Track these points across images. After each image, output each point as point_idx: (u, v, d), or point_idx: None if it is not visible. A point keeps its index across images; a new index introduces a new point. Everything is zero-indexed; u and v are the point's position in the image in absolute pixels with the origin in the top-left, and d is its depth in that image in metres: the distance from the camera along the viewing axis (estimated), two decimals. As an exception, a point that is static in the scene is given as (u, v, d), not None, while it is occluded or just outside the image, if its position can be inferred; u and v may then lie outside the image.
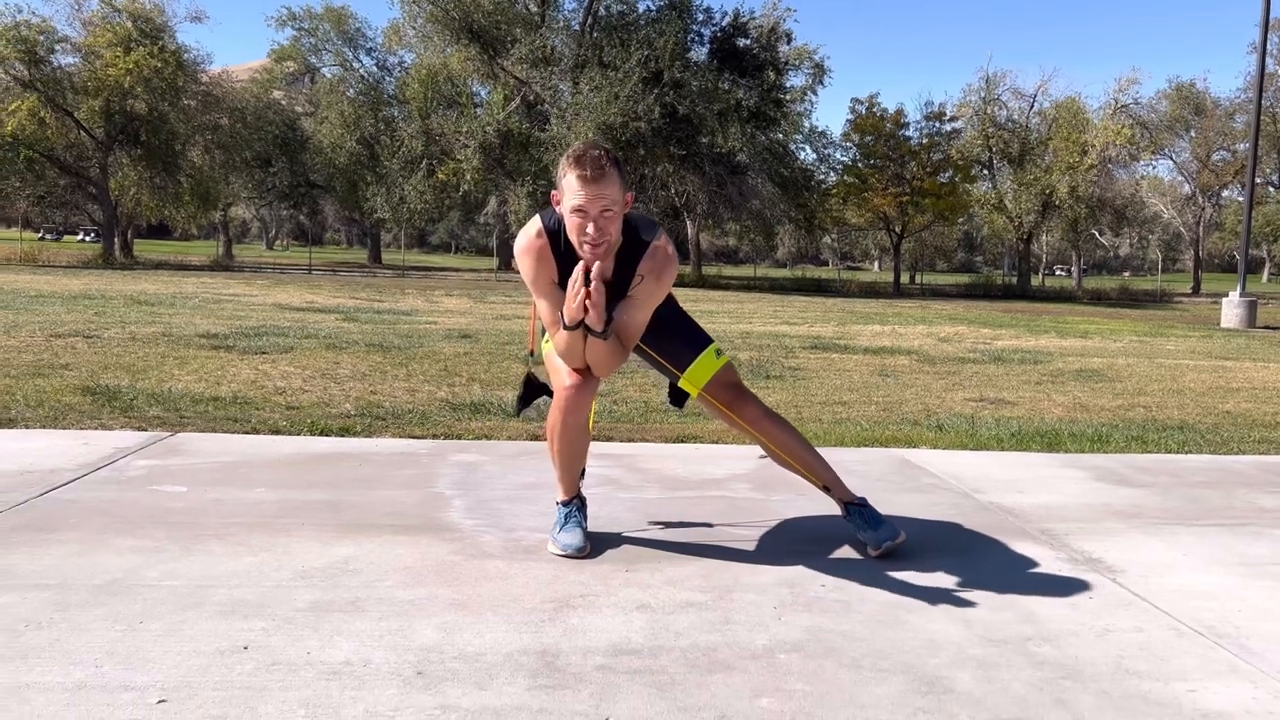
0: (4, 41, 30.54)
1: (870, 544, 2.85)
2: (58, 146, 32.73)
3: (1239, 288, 19.47)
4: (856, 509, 2.91)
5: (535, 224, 2.74)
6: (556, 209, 2.67)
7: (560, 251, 2.70)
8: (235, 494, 3.27)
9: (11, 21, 30.94)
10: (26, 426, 4.30)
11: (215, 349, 7.66)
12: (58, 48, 32.64)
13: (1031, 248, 45.26)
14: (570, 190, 2.56)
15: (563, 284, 2.74)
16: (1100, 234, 52.46)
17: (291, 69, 44.42)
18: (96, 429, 4.29)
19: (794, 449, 2.95)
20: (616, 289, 2.72)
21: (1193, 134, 49.36)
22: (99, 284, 17.85)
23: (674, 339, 2.93)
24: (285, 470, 3.63)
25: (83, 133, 32.93)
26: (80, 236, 61.10)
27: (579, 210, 2.56)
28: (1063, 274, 69.85)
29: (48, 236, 58.25)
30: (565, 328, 2.63)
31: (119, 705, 1.78)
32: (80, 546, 2.65)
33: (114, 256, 31.64)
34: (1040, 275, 56.94)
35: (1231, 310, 19.12)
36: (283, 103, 43.78)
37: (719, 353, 2.95)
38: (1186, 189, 53.22)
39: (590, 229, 2.56)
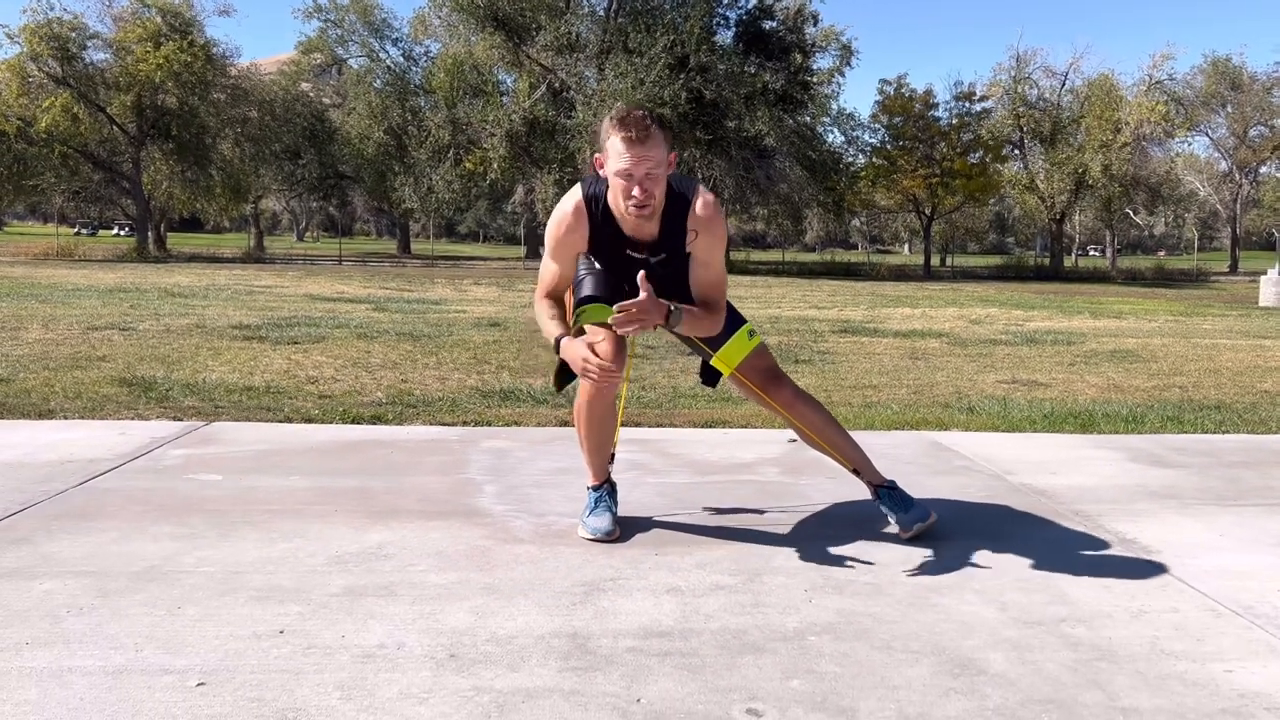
0: (37, 39, 30.96)
1: (900, 526, 2.83)
2: (91, 142, 33.16)
3: (1278, 265, 19.12)
4: (886, 491, 2.90)
5: (576, 194, 2.75)
6: (600, 171, 2.68)
7: (597, 220, 2.71)
8: (269, 481, 3.31)
9: (44, 19, 31.35)
10: (66, 417, 4.38)
11: (248, 340, 7.75)
12: (89, 44, 33.06)
13: (1064, 228, 44.67)
14: (614, 153, 2.57)
15: (595, 251, 2.78)
16: (1135, 213, 51.64)
17: (319, 61, 44.63)
18: (133, 419, 4.35)
19: (825, 431, 2.94)
20: (664, 250, 2.74)
21: (1229, 110, 48.38)
22: (133, 277, 18.10)
23: None
24: (318, 458, 3.67)
25: (115, 128, 33.32)
26: (115, 231, 61.92)
27: (624, 173, 2.57)
28: (1096, 254, 68.95)
29: (83, 231, 59.08)
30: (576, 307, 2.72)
31: (159, 688, 1.81)
32: (119, 534, 2.69)
33: (148, 250, 32.02)
34: (1073, 256, 56.28)
35: (1270, 288, 18.80)
36: (310, 95, 44.03)
37: (752, 333, 2.93)
38: (1223, 166, 52.21)
39: (636, 191, 2.57)
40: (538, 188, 32.96)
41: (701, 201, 2.71)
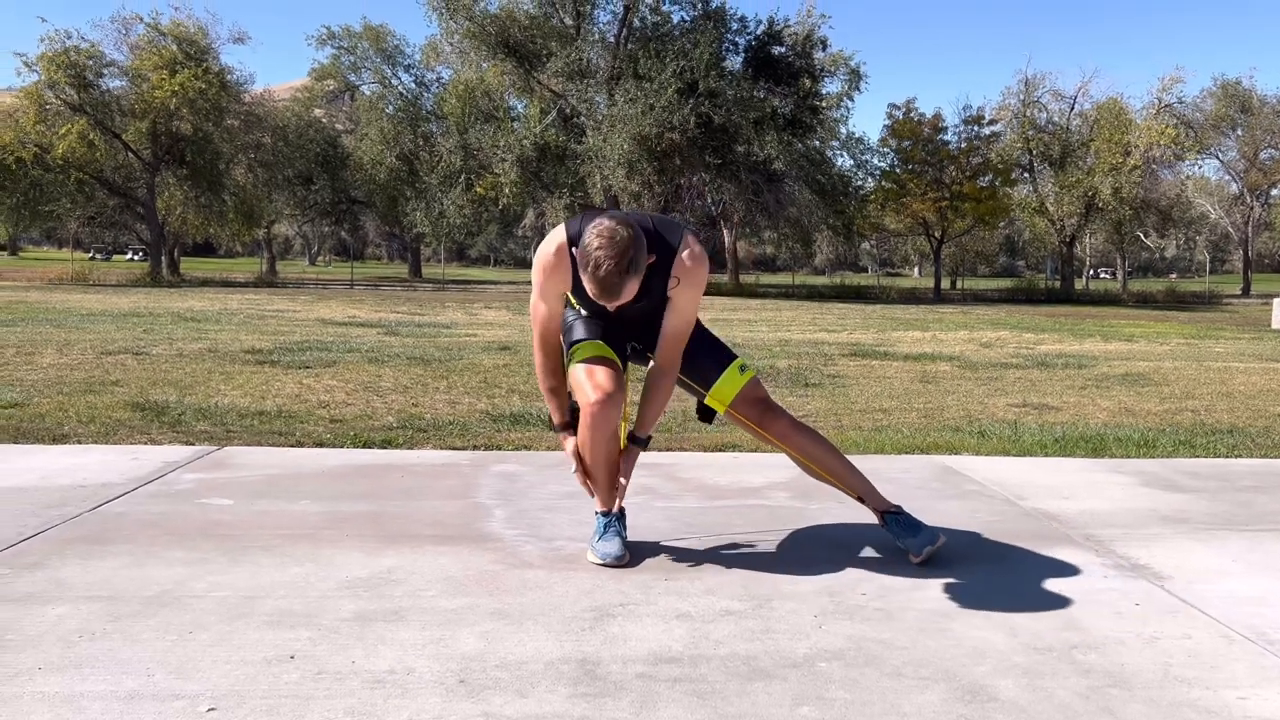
0: (55, 66, 31.33)
1: (911, 551, 2.82)
2: (106, 168, 33.48)
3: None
4: (893, 516, 2.89)
5: (560, 236, 2.75)
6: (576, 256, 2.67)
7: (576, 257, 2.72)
8: (281, 506, 3.32)
9: (61, 47, 31.75)
10: (79, 442, 4.40)
11: (260, 364, 7.79)
12: (105, 72, 33.44)
13: (1074, 251, 44.60)
14: (587, 286, 2.56)
15: (578, 290, 2.77)
16: (1145, 236, 51.60)
17: (331, 87, 45.08)
18: (146, 444, 4.38)
19: (825, 461, 2.93)
20: (645, 296, 2.72)
21: (1239, 132, 48.38)
22: (147, 302, 18.22)
23: (697, 357, 2.92)
24: (329, 482, 3.68)
25: (130, 154, 33.66)
26: (129, 255, 62.37)
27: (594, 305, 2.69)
28: (1107, 277, 68.80)
29: (97, 256, 59.55)
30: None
31: (170, 713, 1.82)
32: (131, 559, 2.71)
33: (161, 275, 32.26)
34: (1084, 278, 56.11)
35: (1283, 311, 18.73)
36: (323, 120, 44.44)
37: (743, 368, 2.94)
38: (1234, 188, 52.15)
39: (610, 307, 2.64)
40: (548, 212, 33.13)
41: (689, 253, 2.71)
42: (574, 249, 2.68)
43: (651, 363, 2.88)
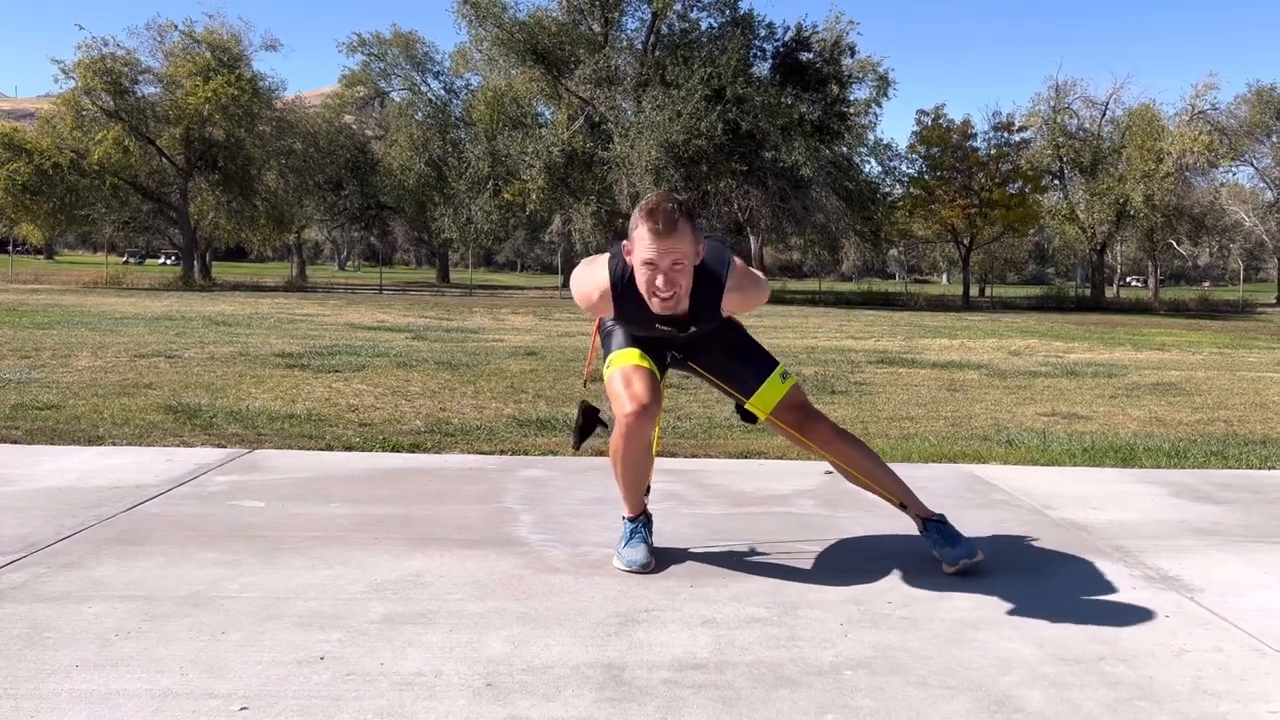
0: (91, 74, 31.90)
1: (946, 561, 2.81)
2: (141, 173, 34.01)
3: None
4: (935, 525, 2.87)
5: (603, 276, 2.74)
6: (627, 259, 2.68)
7: (624, 295, 2.71)
8: (311, 509, 3.36)
9: (98, 54, 32.29)
10: (114, 444, 4.48)
11: (290, 368, 7.87)
12: (141, 79, 34.01)
13: (1105, 258, 44.14)
14: (641, 243, 2.58)
15: (623, 319, 2.82)
16: (1178, 243, 50.92)
17: (362, 94, 45.47)
18: (179, 446, 4.44)
19: (867, 467, 2.92)
20: (694, 324, 2.76)
21: (1274, 139, 47.68)
22: (179, 305, 18.45)
23: (738, 365, 2.93)
24: (358, 485, 3.72)
25: (164, 160, 34.16)
26: (161, 260, 63.19)
27: (649, 263, 2.58)
28: (1138, 285, 67.99)
29: (131, 260, 60.40)
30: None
31: (204, 712, 1.85)
32: (165, 559, 2.75)
33: (193, 279, 32.66)
34: (1115, 286, 55.48)
35: (1319, 320, 18.43)
36: (353, 127, 44.86)
37: (785, 376, 2.94)
38: (1269, 196, 51.39)
39: (660, 281, 2.58)
40: (575, 218, 33.25)
41: (734, 284, 2.73)
42: (617, 288, 2.71)
43: None
